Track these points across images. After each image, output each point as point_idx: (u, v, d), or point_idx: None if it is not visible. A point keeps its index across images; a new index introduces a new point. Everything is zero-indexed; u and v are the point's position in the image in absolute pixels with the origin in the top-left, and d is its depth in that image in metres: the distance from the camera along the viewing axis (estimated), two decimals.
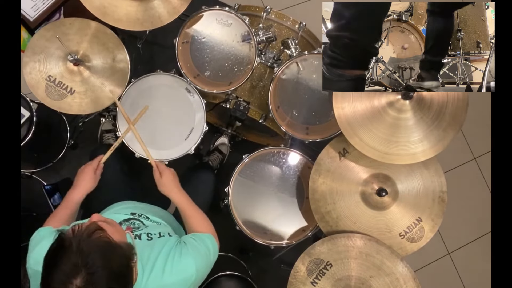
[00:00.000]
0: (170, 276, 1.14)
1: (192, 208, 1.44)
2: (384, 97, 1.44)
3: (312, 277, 1.46)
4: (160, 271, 1.13)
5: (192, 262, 1.18)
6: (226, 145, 2.22)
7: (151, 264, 1.13)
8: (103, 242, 0.95)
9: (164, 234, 1.27)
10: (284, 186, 1.75)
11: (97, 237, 0.94)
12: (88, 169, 1.45)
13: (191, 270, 1.17)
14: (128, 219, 1.33)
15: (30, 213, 2.00)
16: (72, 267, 0.89)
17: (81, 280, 0.89)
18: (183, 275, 1.16)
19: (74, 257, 0.90)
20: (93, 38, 1.54)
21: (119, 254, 0.97)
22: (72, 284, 0.88)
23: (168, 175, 1.47)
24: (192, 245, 1.24)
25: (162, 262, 1.15)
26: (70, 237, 0.93)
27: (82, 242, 0.92)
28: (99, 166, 1.48)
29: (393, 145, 1.44)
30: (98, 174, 1.48)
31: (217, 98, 1.80)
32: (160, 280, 1.12)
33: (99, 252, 0.92)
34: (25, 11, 1.62)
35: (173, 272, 1.14)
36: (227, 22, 1.69)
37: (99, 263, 0.91)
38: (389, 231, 1.53)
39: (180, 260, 1.17)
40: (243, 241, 1.74)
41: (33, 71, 1.49)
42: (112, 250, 0.96)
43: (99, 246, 0.94)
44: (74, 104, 1.51)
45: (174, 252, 1.18)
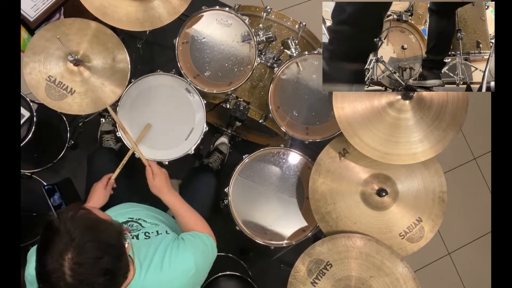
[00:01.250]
0: (169, 270, 1.14)
1: (185, 209, 1.44)
2: (384, 97, 1.44)
3: (312, 277, 1.46)
4: (158, 266, 1.14)
5: (190, 256, 1.18)
6: (226, 145, 2.22)
7: (149, 260, 1.14)
8: (87, 218, 0.99)
9: (162, 232, 1.28)
10: (284, 186, 1.75)
11: (81, 214, 0.98)
12: (98, 186, 1.51)
13: (190, 263, 1.17)
14: (126, 222, 1.33)
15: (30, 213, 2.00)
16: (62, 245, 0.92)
17: (71, 252, 0.91)
18: (182, 269, 1.16)
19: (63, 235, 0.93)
20: (93, 38, 1.53)
21: (106, 227, 1.00)
22: (65, 259, 0.91)
23: (160, 177, 1.48)
24: (190, 241, 1.24)
25: (159, 257, 1.15)
26: (57, 219, 0.96)
27: (68, 221, 0.95)
28: (109, 183, 1.53)
29: (393, 145, 1.44)
30: (108, 190, 1.53)
31: (217, 98, 1.80)
32: (158, 275, 1.13)
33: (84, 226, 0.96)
34: (25, 11, 1.62)
35: (171, 266, 1.15)
36: (227, 22, 1.69)
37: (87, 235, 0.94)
38: (389, 231, 1.53)
39: (178, 254, 1.17)
40: (243, 241, 1.74)
41: (33, 71, 1.49)
42: (97, 224, 0.99)
43: (83, 220, 0.97)
44: (74, 104, 1.51)
45: (171, 247, 1.19)
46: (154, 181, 1.47)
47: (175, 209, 1.43)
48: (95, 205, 1.47)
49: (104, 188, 1.51)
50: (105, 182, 1.52)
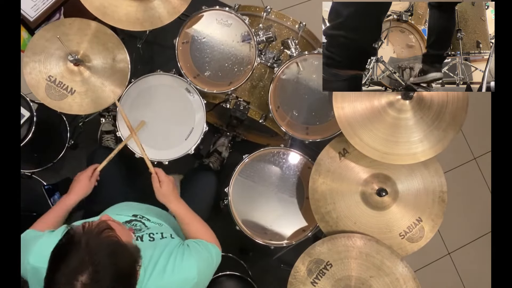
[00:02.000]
0: (171, 276, 1.13)
1: (191, 216, 1.42)
2: (384, 97, 1.44)
3: (312, 277, 1.46)
4: (161, 271, 1.13)
5: (194, 265, 1.17)
6: (226, 146, 2.22)
7: (153, 264, 1.13)
8: (112, 241, 0.96)
9: (167, 236, 1.27)
10: (284, 186, 1.75)
11: (106, 235, 0.95)
12: (83, 177, 1.47)
13: (193, 272, 1.16)
14: (130, 221, 1.32)
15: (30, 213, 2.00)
16: (79, 263, 0.90)
17: (86, 277, 0.89)
18: (184, 276, 1.16)
19: (82, 253, 0.91)
20: (93, 38, 1.54)
21: (126, 255, 0.98)
22: (78, 280, 0.89)
23: (168, 185, 1.43)
24: (195, 249, 1.23)
25: (163, 262, 1.14)
26: (80, 233, 0.94)
27: (91, 239, 0.93)
28: (94, 174, 1.50)
29: (393, 145, 1.44)
30: (92, 182, 1.49)
31: (217, 98, 1.80)
32: (160, 280, 1.12)
33: (107, 250, 0.93)
34: (25, 11, 1.62)
35: (174, 272, 1.14)
36: (227, 22, 1.69)
37: (106, 261, 0.92)
38: (389, 231, 1.53)
39: (182, 261, 1.16)
40: (243, 241, 1.74)
41: (33, 71, 1.49)
42: (119, 250, 0.96)
43: (107, 245, 0.94)
44: (75, 104, 1.51)
45: (176, 253, 1.18)
46: (161, 189, 1.42)
47: (182, 217, 1.40)
48: (77, 196, 1.43)
49: (89, 179, 1.47)
50: (90, 173, 1.48)
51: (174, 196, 1.43)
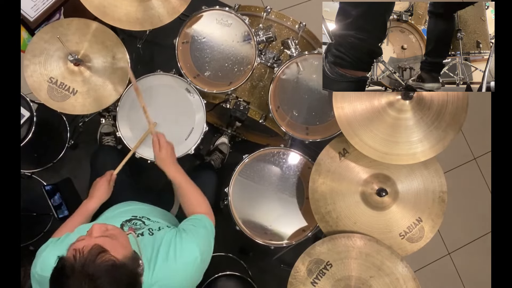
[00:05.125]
0: (175, 262, 1.14)
1: (188, 184, 1.45)
2: (384, 97, 1.44)
3: (312, 277, 1.46)
4: (164, 260, 1.14)
5: (194, 246, 1.19)
6: (226, 144, 2.22)
7: (155, 256, 1.14)
8: (109, 265, 0.94)
9: (163, 227, 1.28)
10: (284, 186, 1.75)
11: (101, 260, 0.93)
12: (102, 181, 1.50)
13: (195, 253, 1.18)
14: (130, 220, 1.33)
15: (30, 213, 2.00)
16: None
17: None
18: (187, 259, 1.17)
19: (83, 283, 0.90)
20: (92, 37, 1.54)
21: (126, 273, 0.98)
22: None
23: (166, 150, 1.49)
24: (191, 229, 1.25)
25: (165, 251, 1.15)
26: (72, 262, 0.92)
27: (88, 267, 0.91)
28: (112, 178, 1.53)
29: (393, 145, 1.44)
30: (111, 186, 1.53)
31: (217, 98, 1.80)
32: (165, 269, 1.13)
33: (106, 276, 0.92)
34: (25, 11, 1.62)
35: (176, 257, 1.15)
36: (227, 22, 1.69)
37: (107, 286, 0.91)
38: (389, 231, 1.53)
39: (182, 246, 1.18)
40: (243, 241, 1.74)
41: (34, 73, 1.49)
42: (119, 271, 0.95)
43: (106, 270, 0.93)
44: (78, 104, 1.52)
45: (175, 240, 1.19)
46: (160, 153, 1.48)
47: (178, 182, 1.44)
48: (99, 200, 1.47)
49: (108, 183, 1.51)
50: (109, 177, 1.52)
51: (172, 161, 1.49)
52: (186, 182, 1.46)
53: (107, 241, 0.98)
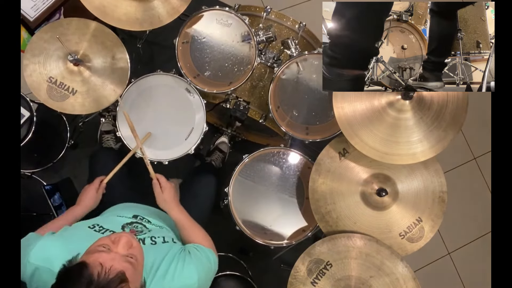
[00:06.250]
0: (172, 282, 1.13)
1: (190, 223, 1.42)
2: (384, 97, 1.44)
3: (312, 277, 1.46)
4: (161, 277, 1.13)
5: (194, 271, 1.17)
6: (226, 143, 2.22)
7: (155, 270, 1.13)
8: None
9: (168, 240, 1.27)
10: (284, 186, 1.75)
11: None
12: (90, 189, 1.48)
13: (193, 279, 1.17)
14: (131, 223, 1.32)
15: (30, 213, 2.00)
16: None
17: None
18: (184, 282, 1.16)
19: None
20: (92, 37, 1.54)
21: None
22: None
23: (169, 191, 1.43)
24: (195, 255, 1.24)
25: (165, 267, 1.14)
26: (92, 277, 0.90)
27: None
28: (100, 186, 1.50)
29: (393, 145, 1.44)
30: (99, 194, 1.50)
31: (217, 98, 1.80)
32: (160, 286, 1.12)
33: None
34: (25, 11, 1.62)
35: (175, 278, 1.14)
36: (227, 22, 1.69)
37: None
38: (389, 231, 1.53)
39: (183, 267, 1.17)
40: (243, 241, 1.74)
41: (33, 73, 1.49)
42: None
43: None
44: (77, 104, 1.51)
45: (177, 259, 1.18)
46: (163, 195, 1.42)
47: (182, 224, 1.40)
48: (85, 208, 1.44)
49: (96, 191, 1.48)
50: (97, 185, 1.50)
51: (175, 203, 1.43)
52: (189, 222, 1.42)
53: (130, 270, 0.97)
